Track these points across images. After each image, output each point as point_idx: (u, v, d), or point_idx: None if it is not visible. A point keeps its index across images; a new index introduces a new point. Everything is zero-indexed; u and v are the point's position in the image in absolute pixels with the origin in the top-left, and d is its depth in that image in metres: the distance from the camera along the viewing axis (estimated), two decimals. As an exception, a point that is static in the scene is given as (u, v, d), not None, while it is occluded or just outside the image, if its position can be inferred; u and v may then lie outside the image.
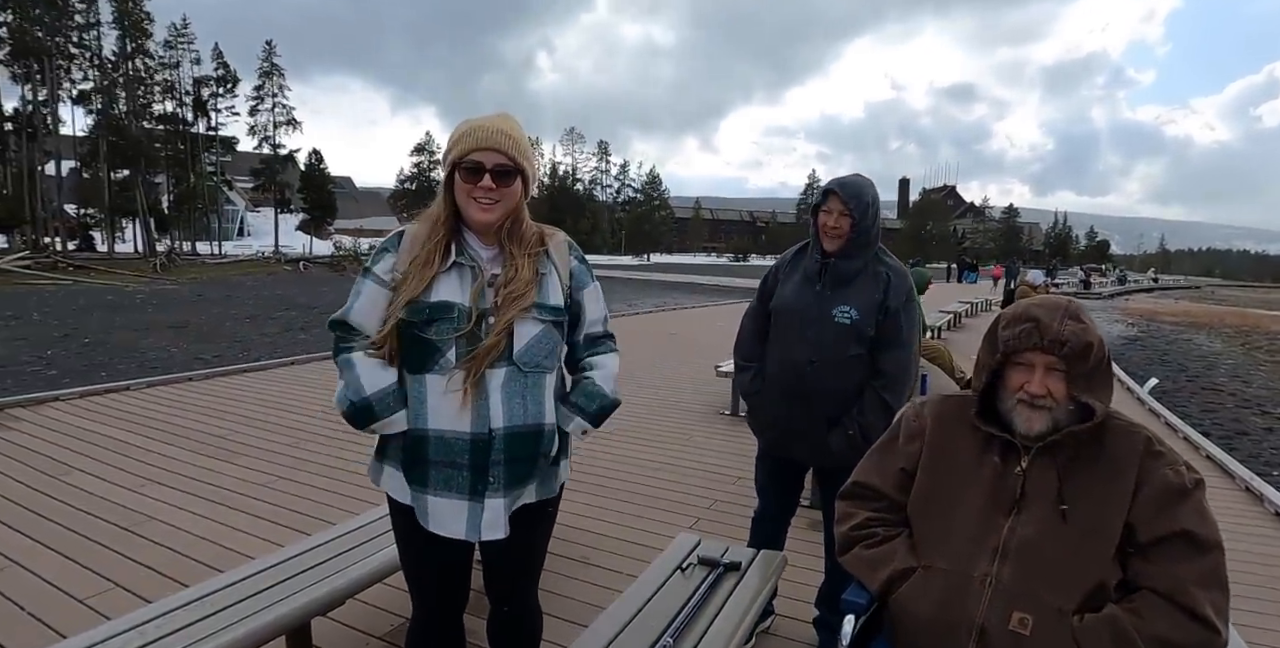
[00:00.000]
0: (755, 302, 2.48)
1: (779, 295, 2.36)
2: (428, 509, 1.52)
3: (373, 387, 1.49)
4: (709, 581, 2.08)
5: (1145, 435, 1.34)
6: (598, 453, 4.65)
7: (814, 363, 2.24)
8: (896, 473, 1.51)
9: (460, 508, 1.50)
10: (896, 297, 2.26)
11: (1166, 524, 1.25)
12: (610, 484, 4.07)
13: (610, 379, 1.69)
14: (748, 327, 2.48)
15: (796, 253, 2.42)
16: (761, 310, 2.44)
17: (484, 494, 1.50)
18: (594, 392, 1.65)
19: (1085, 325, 1.30)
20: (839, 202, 2.19)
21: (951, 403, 1.51)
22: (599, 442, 4.93)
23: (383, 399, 1.49)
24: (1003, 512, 1.34)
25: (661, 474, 4.29)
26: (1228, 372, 13.65)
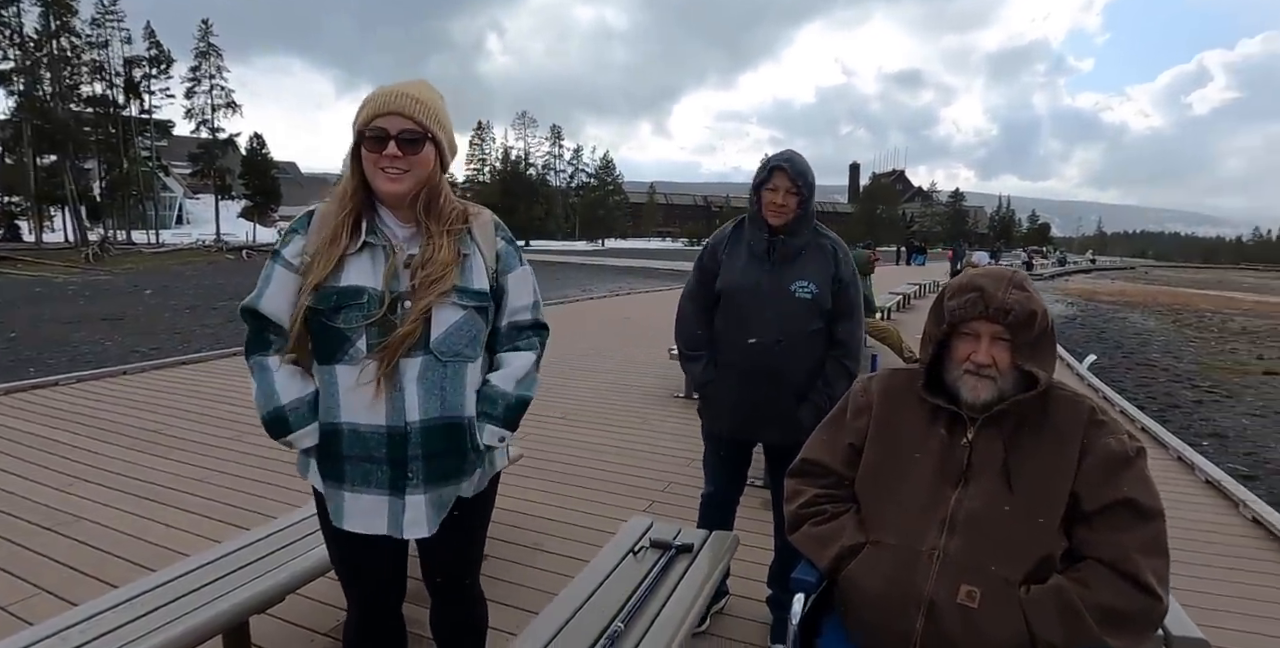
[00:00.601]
0: (694, 285, 2.38)
1: (727, 276, 2.29)
2: (344, 506, 1.43)
3: (287, 396, 1.40)
4: (661, 564, 2.06)
5: (1089, 405, 1.35)
6: (551, 438, 4.60)
7: (781, 341, 2.22)
8: (845, 449, 1.50)
9: (380, 504, 1.42)
10: (847, 268, 2.29)
11: (1110, 492, 1.26)
12: (564, 469, 4.02)
13: (512, 379, 1.53)
14: (690, 312, 2.39)
15: (734, 230, 2.35)
16: (704, 293, 2.34)
17: (404, 490, 1.41)
18: (494, 395, 1.51)
19: (1029, 294, 1.31)
20: (786, 179, 2.16)
21: (899, 377, 1.50)
22: (553, 426, 4.88)
23: (297, 410, 1.40)
24: (950, 484, 1.34)
25: (616, 458, 4.26)
26: (1160, 348, 14.24)
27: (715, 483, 2.48)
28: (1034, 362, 1.31)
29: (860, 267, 7.98)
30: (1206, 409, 8.63)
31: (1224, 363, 12.34)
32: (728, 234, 2.36)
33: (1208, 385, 10.16)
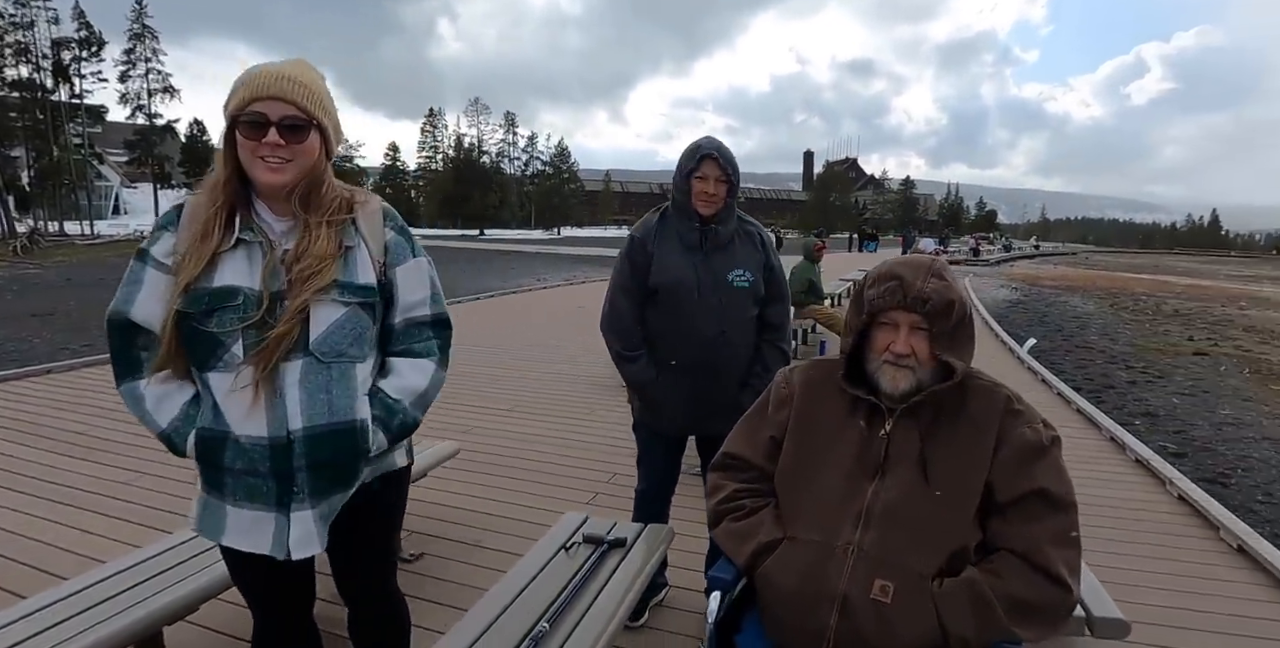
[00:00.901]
0: (626, 280, 2.28)
1: (662, 270, 2.23)
2: (225, 521, 1.34)
3: (165, 419, 1.31)
4: (593, 559, 2.03)
5: (1005, 394, 1.35)
6: (498, 430, 4.53)
7: (724, 332, 2.21)
8: (766, 442, 1.48)
9: (264, 522, 1.31)
10: (773, 252, 2.31)
11: (1024, 483, 1.26)
12: (509, 462, 3.97)
13: (409, 392, 1.42)
14: (626, 309, 2.29)
15: (660, 221, 2.30)
16: (637, 288, 2.27)
17: (290, 506, 1.31)
18: (393, 407, 1.40)
19: (947, 283, 1.30)
20: (717, 167, 2.13)
21: (820, 368, 1.49)
22: (500, 419, 4.81)
23: (179, 430, 1.32)
24: (868, 476, 1.33)
25: (563, 449, 4.22)
26: (1098, 330, 14.74)
27: (650, 479, 2.46)
28: (951, 352, 1.31)
29: (807, 254, 8.10)
30: (1140, 389, 8.95)
31: (1157, 344, 12.84)
32: (654, 225, 2.30)
33: (1141, 366, 10.55)
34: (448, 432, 4.42)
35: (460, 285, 17.03)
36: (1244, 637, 2.47)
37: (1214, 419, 7.46)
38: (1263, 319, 17.28)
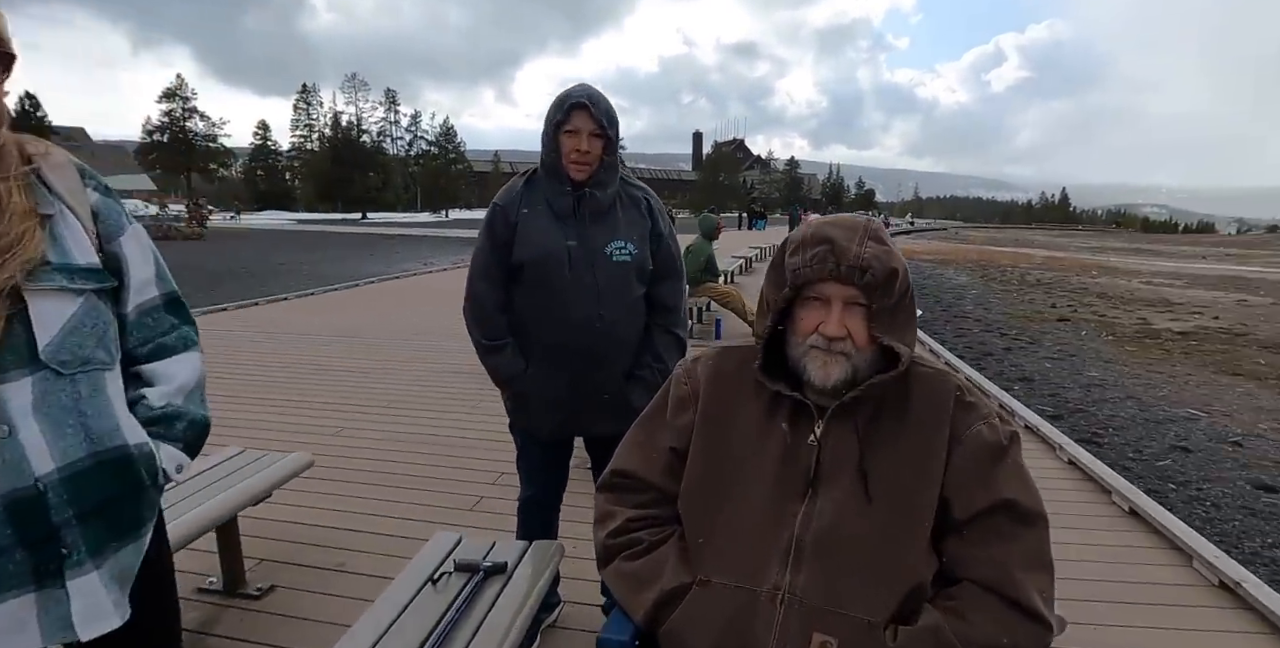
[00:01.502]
0: (485, 257, 1.95)
1: (526, 242, 1.90)
2: None
3: None
4: (467, 591, 1.69)
5: (955, 383, 1.10)
6: (371, 432, 4.06)
7: (603, 315, 1.89)
8: (665, 454, 1.18)
9: (25, 610, 0.91)
10: (663, 221, 1.99)
11: (985, 494, 1.02)
12: (380, 468, 3.52)
13: (180, 392, 1.12)
14: (485, 292, 1.96)
15: (527, 187, 1.95)
16: (499, 267, 1.94)
17: (63, 575, 0.94)
18: (170, 411, 1.10)
19: (888, 248, 1.03)
20: (589, 119, 1.80)
21: (731, 357, 1.20)
22: (374, 418, 4.33)
23: None
24: (795, 496, 1.05)
25: (445, 450, 3.80)
26: (973, 301, 15.55)
27: (534, 486, 2.13)
28: (893, 333, 1.04)
29: (708, 232, 7.94)
30: (1015, 356, 9.41)
31: (1025, 312, 13.65)
32: (519, 191, 1.94)
33: (1014, 333, 11.14)
34: (311, 437, 3.93)
35: (338, 272, 15.93)
36: (1145, 606, 2.44)
37: (1082, 381, 7.90)
38: (1112, 286, 18.81)
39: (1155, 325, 12.05)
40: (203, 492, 2.27)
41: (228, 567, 2.41)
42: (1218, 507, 4.40)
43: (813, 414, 1.08)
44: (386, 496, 3.18)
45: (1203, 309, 14.31)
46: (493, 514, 2.93)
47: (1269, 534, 4.05)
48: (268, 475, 2.38)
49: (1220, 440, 5.75)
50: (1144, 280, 20.76)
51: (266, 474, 2.39)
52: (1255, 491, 4.66)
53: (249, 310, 8.79)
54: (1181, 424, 6.21)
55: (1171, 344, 10.35)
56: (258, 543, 2.64)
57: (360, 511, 3.01)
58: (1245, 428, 6.12)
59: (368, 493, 3.20)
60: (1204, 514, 4.26)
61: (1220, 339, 10.80)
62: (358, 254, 22.23)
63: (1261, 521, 4.21)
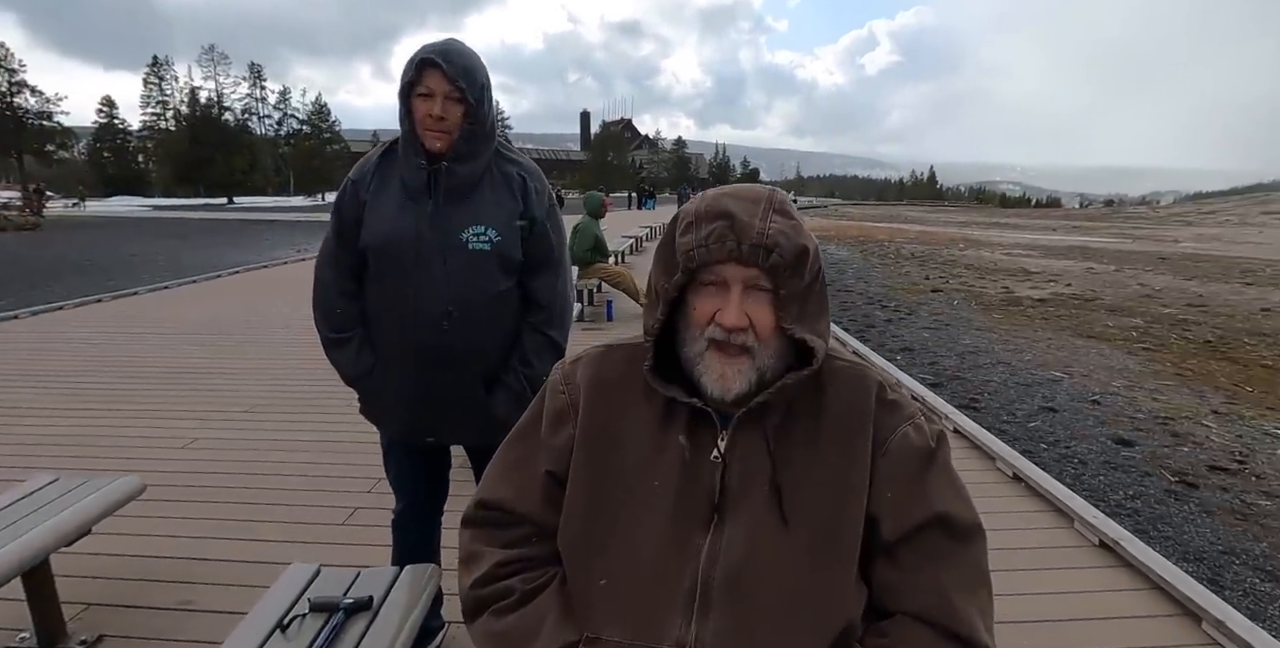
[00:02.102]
0: (332, 241, 1.71)
1: (373, 225, 1.65)
2: None
3: None
4: (326, 633, 1.45)
5: (876, 379, 0.95)
6: (225, 441, 3.63)
7: (453, 313, 1.65)
8: (541, 480, 0.98)
9: None
10: (540, 203, 1.74)
11: (917, 509, 0.89)
12: (237, 482, 3.14)
13: None
14: (329, 280, 1.73)
15: (382, 159, 1.70)
16: (346, 252, 1.69)
17: None
18: None
19: (796, 223, 0.87)
20: (443, 79, 1.54)
21: (615, 358, 1.00)
22: (234, 425, 3.89)
23: None
24: (699, 525, 0.88)
25: (313, 456, 3.45)
26: (854, 274, 16.15)
27: (407, 498, 1.89)
28: (805, 324, 0.88)
29: (593, 210, 7.74)
30: (895, 327, 9.80)
31: (902, 284, 14.31)
32: (374, 166, 1.69)
33: (894, 305, 11.63)
34: (155, 452, 3.47)
35: (199, 262, 14.62)
36: (1033, 571, 2.50)
37: (957, 349, 8.30)
38: (977, 258, 20.07)
39: (1017, 293, 12.92)
40: (3, 532, 1.89)
41: (42, 618, 2.03)
42: (1084, 463, 4.69)
43: (715, 424, 0.90)
44: (244, 514, 2.83)
45: (1057, 277, 15.49)
46: (368, 527, 2.64)
47: (1129, 486, 4.34)
48: (83, 509, 2.00)
49: (1082, 400, 6.16)
50: (1005, 252, 22.28)
51: (82, 507, 2.01)
52: (1115, 445, 5.01)
53: (89, 308, 7.84)
54: (1047, 386, 6.62)
55: (1033, 311, 11.11)
56: (84, 585, 2.26)
57: (213, 535, 2.65)
58: (1102, 387, 6.59)
59: (222, 513, 2.83)
60: (1073, 472, 4.52)
61: (1074, 305, 11.69)
62: (222, 242, 20.55)
63: (1123, 473, 4.52)
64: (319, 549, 2.53)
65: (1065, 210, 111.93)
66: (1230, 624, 2.05)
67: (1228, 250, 25.45)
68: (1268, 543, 3.59)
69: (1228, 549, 3.52)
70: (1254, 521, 3.87)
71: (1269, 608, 3.01)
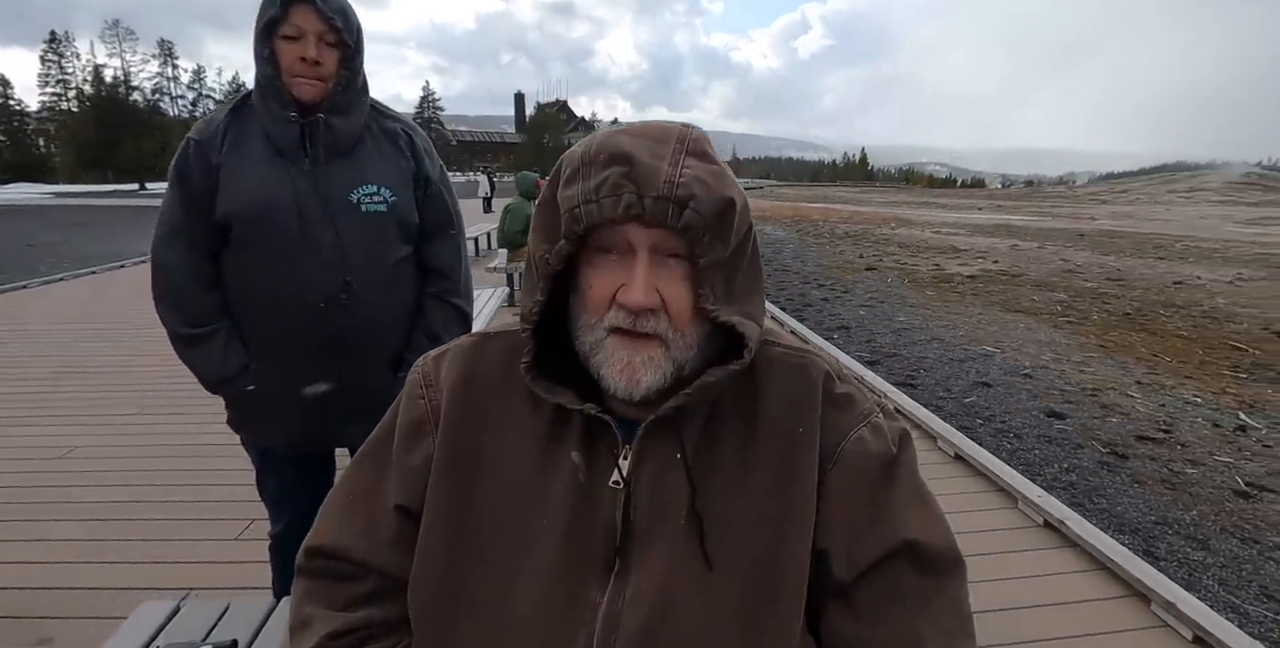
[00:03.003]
0: (177, 215, 1.42)
1: (234, 190, 1.38)
2: None
3: None
4: (179, 687, 1.20)
5: (823, 368, 0.75)
6: (108, 447, 3.26)
7: (351, 284, 1.41)
8: (390, 517, 0.74)
9: None
10: (432, 163, 1.54)
11: (880, 537, 0.69)
12: (118, 495, 2.79)
13: None
14: (178, 262, 1.43)
15: (234, 115, 1.43)
16: (198, 226, 1.41)
17: None
18: None
19: (718, 169, 0.64)
20: (316, 17, 1.30)
21: (493, 349, 0.77)
22: (113, 429, 3.50)
23: None
24: (595, 573, 0.67)
25: (202, 463, 3.10)
26: (791, 254, 16.22)
27: (286, 516, 1.64)
28: (733, 304, 0.67)
29: (527, 191, 7.43)
30: (832, 305, 9.82)
31: (838, 263, 14.43)
32: (223, 124, 1.41)
33: (830, 284, 11.68)
34: (22, 464, 3.07)
35: (104, 252, 13.62)
36: (980, 556, 2.41)
37: (893, 327, 8.35)
38: (909, 236, 20.46)
39: (948, 270, 13.17)
40: None
41: None
42: (1020, 437, 4.71)
43: (614, 435, 0.68)
44: (122, 533, 2.50)
45: (984, 254, 15.89)
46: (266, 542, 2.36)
47: (1063, 459, 4.36)
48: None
49: (1014, 374, 6.24)
50: (934, 230, 22.80)
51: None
52: (1048, 419, 5.06)
53: (-32, 303, 7.14)
54: (981, 361, 6.69)
55: (963, 287, 11.32)
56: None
57: (84, 559, 2.33)
58: (1032, 361, 6.70)
59: (99, 532, 2.50)
60: (1010, 446, 4.53)
61: (1001, 281, 11.98)
62: (130, 229, 19.28)
63: (1056, 446, 4.55)
64: (205, 571, 2.25)
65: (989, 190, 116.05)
66: (1180, 606, 1.99)
67: (1140, 227, 26.73)
68: (1196, 511, 3.64)
69: (1160, 520, 3.55)
70: (1182, 489, 3.93)
71: (1203, 578, 3.02)
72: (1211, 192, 57.61)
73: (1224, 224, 29.90)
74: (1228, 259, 15.70)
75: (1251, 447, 4.59)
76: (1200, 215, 36.65)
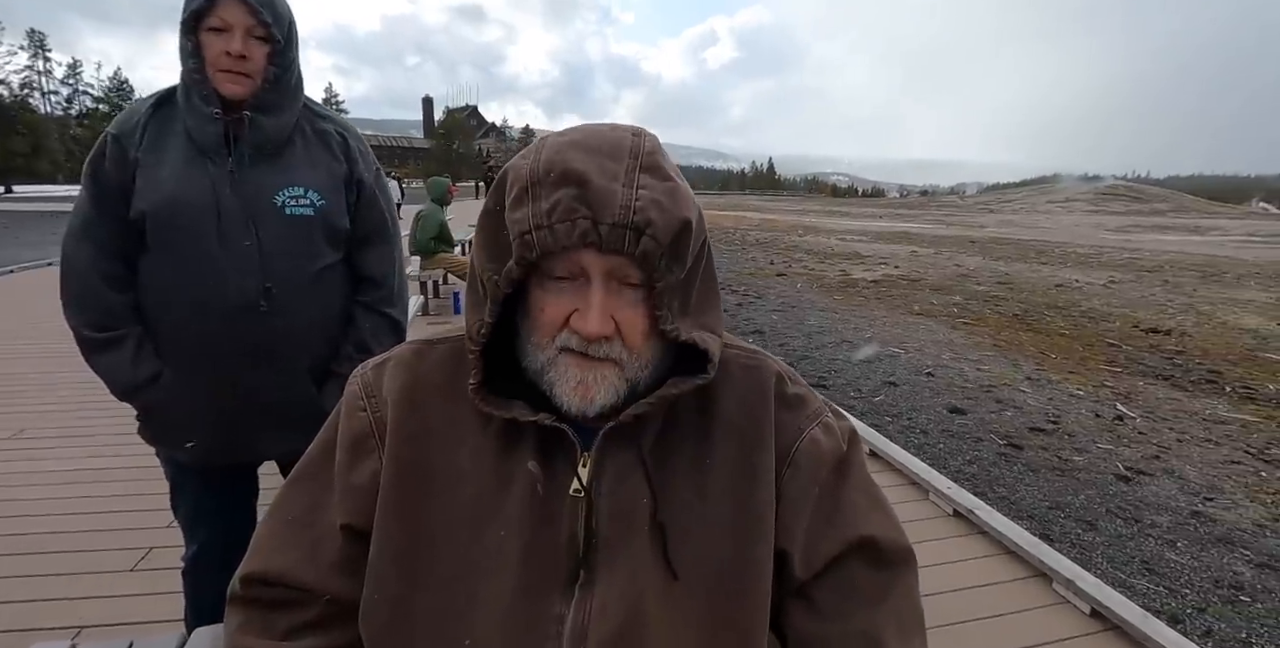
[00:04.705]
0: (89, 212, 1.34)
1: (150, 189, 1.30)
2: None
3: None
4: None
5: (774, 370, 0.76)
6: None
7: (271, 291, 1.35)
8: (335, 539, 0.71)
9: None
10: (367, 165, 1.49)
11: (836, 535, 0.71)
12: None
13: None
14: (87, 261, 1.34)
15: (156, 111, 1.35)
16: (112, 226, 1.33)
17: None
18: None
19: (674, 186, 0.63)
20: (243, 10, 1.24)
21: (435, 357, 0.75)
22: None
23: None
24: (557, 590, 0.65)
25: (94, 490, 2.85)
26: (706, 262, 16.52)
27: (202, 537, 1.54)
28: (691, 319, 0.67)
29: (439, 197, 7.27)
30: (746, 310, 10.06)
31: (749, 270, 14.80)
32: (144, 118, 1.33)
33: (743, 290, 11.96)
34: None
35: (-39, 262, 12.41)
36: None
37: (804, 330, 8.63)
38: (816, 243, 21.23)
39: (853, 276, 13.74)
40: None
41: None
42: (925, 432, 4.95)
43: (574, 445, 0.67)
44: (2, 570, 2.28)
45: (886, 260, 16.68)
46: (167, 572, 2.20)
47: (965, 452, 4.62)
48: None
49: (918, 373, 6.56)
50: (839, 238, 23.75)
51: None
52: (950, 414, 5.34)
53: None
54: (887, 362, 7.00)
55: (868, 291, 11.83)
56: None
57: None
58: (934, 360, 7.07)
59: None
60: (917, 441, 4.75)
61: (902, 285, 12.59)
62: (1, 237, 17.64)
63: (958, 440, 4.81)
64: (99, 606, 2.07)
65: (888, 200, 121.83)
66: (1079, 583, 2.14)
67: (1024, 234, 28.68)
68: (1084, 495, 3.93)
69: (1053, 504, 3.81)
70: (1070, 475, 4.23)
71: (1093, 556, 3.26)
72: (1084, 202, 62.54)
73: (1097, 231, 32.53)
74: (1102, 263, 17.07)
75: (1129, 434, 4.99)
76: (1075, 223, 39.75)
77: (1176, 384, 6.45)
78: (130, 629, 1.93)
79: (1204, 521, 3.60)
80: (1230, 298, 11.77)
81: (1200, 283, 13.79)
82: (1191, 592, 2.84)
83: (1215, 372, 6.88)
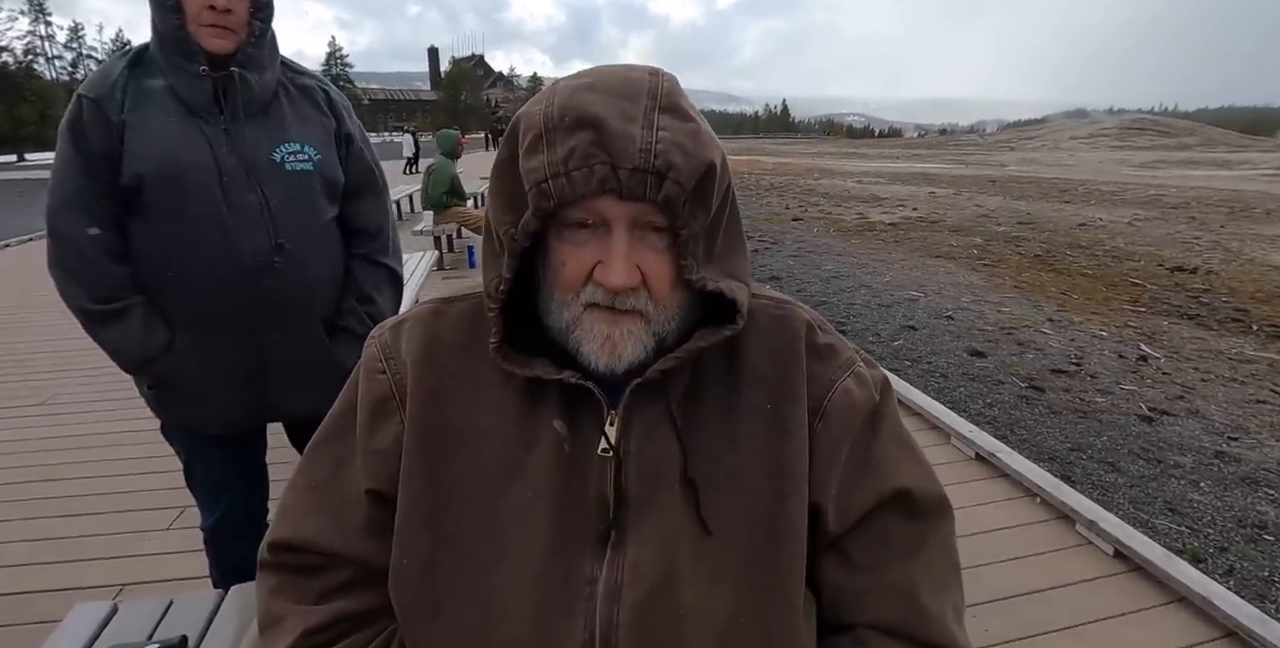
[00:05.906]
0: (76, 177, 1.28)
1: (143, 151, 1.26)
2: None
3: None
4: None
5: (804, 318, 0.74)
6: (16, 442, 3.04)
7: (284, 247, 1.34)
8: (360, 503, 0.70)
9: None
10: (352, 119, 1.48)
11: (870, 487, 0.69)
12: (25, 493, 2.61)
13: None
14: (81, 231, 1.30)
15: (132, 70, 1.29)
16: (101, 192, 1.29)
17: None
18: None
19: (695, 127, 0.59)
20: None
21: (453, 316, 0.72)
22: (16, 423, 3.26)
23: None
24: (589, 550, 0.64)
25: (124, 453, 2.91)
26: (720, 209, 16.30)
27: (221, 505, 1.56)
28: (717, 267, 0.64)
29: (449, 150, 7.17)
30: (762, 257, 9.95)
31: (765, 215, 14.58)
32: (121, 78, 1.28)
33: (759, 236, 11.80)
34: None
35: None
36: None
37: (821, 275, 8.55)
38: (832, 186, 20.82)
39: (871, 219, 13.50)
40: None
41: None
42: (946, 376, 4.92)
43: (600, 402, 0.65)
44: (40, 532, 2.35)
45: (904, 202, 16.35)
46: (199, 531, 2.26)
47: (986, 395, 4.60)
48: None
49: (938, 316, 6.49)
50: (856, 180, 23.26)
51: None
52: (970, 358, 5.30)
53: None
54: (906, 306, 6.93)
55: (886, 234, 11.64)
56: None
57: None
58: (953, 303, 6.99)
59: (16, 533, 2.34)
60: (937, 385, 4.73)
61: (921, 227, 12.36)
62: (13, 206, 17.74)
63: (979, 383, 4.78)
64: (136, 565, 2.14)
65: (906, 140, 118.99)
66: (1102, 524, 2.14)
67: (1046, 173, 27.94)
68: (1107, 437, 3.91)
69: (1075, 446, 3.80)
70: (1093, 417, 4.21)
71: (1115, 497, 3.26)
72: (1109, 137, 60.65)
73: (1121, 167, 31.61)
74: (1125, 201, 16.63)
75: (1153, 375, 4.93)
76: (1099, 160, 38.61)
77: (1202, 323, 6.34)
78: (169, 586, 1.99)
79: (1228, 460, 3.58)
80: (1259, 234, 11.46)
81: (1228, 219, 13.41)
82: (1214, 532, 2.84)
83: (1242, 310, 6.75)
